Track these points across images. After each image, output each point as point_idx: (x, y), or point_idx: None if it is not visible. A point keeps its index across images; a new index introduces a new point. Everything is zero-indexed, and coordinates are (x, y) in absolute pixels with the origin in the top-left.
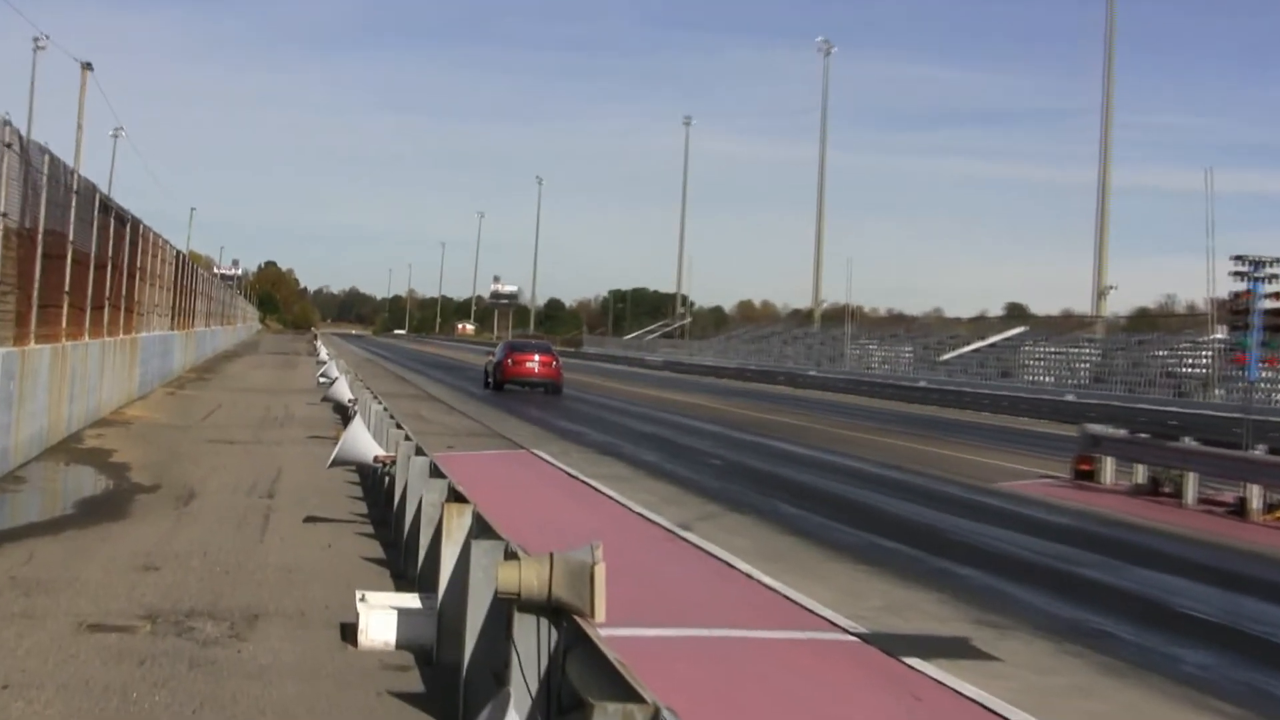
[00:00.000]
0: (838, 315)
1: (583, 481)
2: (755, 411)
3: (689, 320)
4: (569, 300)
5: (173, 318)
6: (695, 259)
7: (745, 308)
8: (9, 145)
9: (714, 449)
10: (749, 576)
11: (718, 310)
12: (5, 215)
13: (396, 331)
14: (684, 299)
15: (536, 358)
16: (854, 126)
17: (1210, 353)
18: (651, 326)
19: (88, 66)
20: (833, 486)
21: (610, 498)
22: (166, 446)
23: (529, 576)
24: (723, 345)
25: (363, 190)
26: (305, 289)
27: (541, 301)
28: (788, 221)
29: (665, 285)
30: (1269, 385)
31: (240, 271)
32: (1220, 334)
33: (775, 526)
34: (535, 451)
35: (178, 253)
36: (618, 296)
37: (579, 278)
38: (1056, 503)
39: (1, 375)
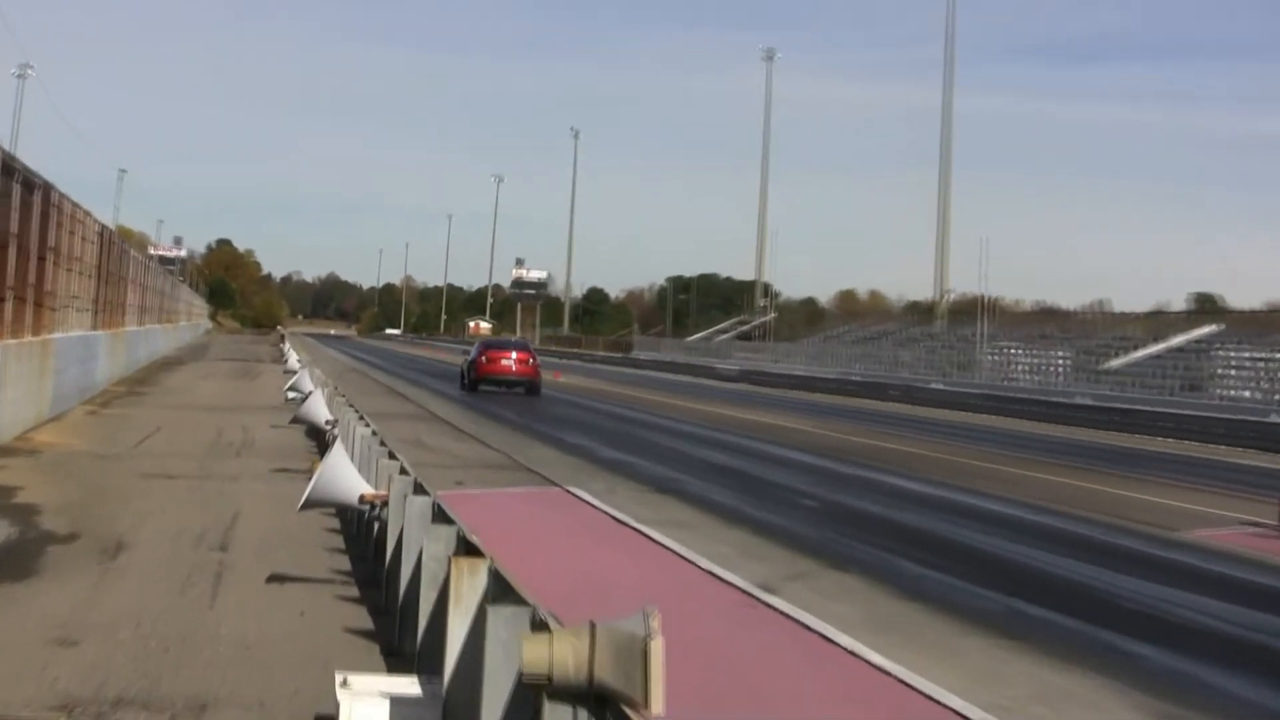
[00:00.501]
0: (968, 310)
1: (633, 529)
2: (861, 436)
3: (772, 316)
4: (615, 290)
5: (95, 313)
6: (780, 236)
7: (846, 300)
8: None
9: (807, 485)
10: (853, 654)
11: (810, 303)
12: None
13: (389, 331)
14: (766, 289)
15: (513, 355)
16: (990, 62)
17: None
18: (723, 324)
19: None
20: (964, 535)
21: (670, 550)
22: (87, 482)
23: (563, 654)
24: (817, 349)
25: (344, 147)
26: (269, 276)
27: (579, 291)
28: (902, 188)
29: (741, 271)
30: None
31: (185, 253)
32: None
33: (888, 588)
34: (572, 489)
35: (102, 228)
36: (679, 285)
37: (628, 261)
38: (1264, 558)
39: None
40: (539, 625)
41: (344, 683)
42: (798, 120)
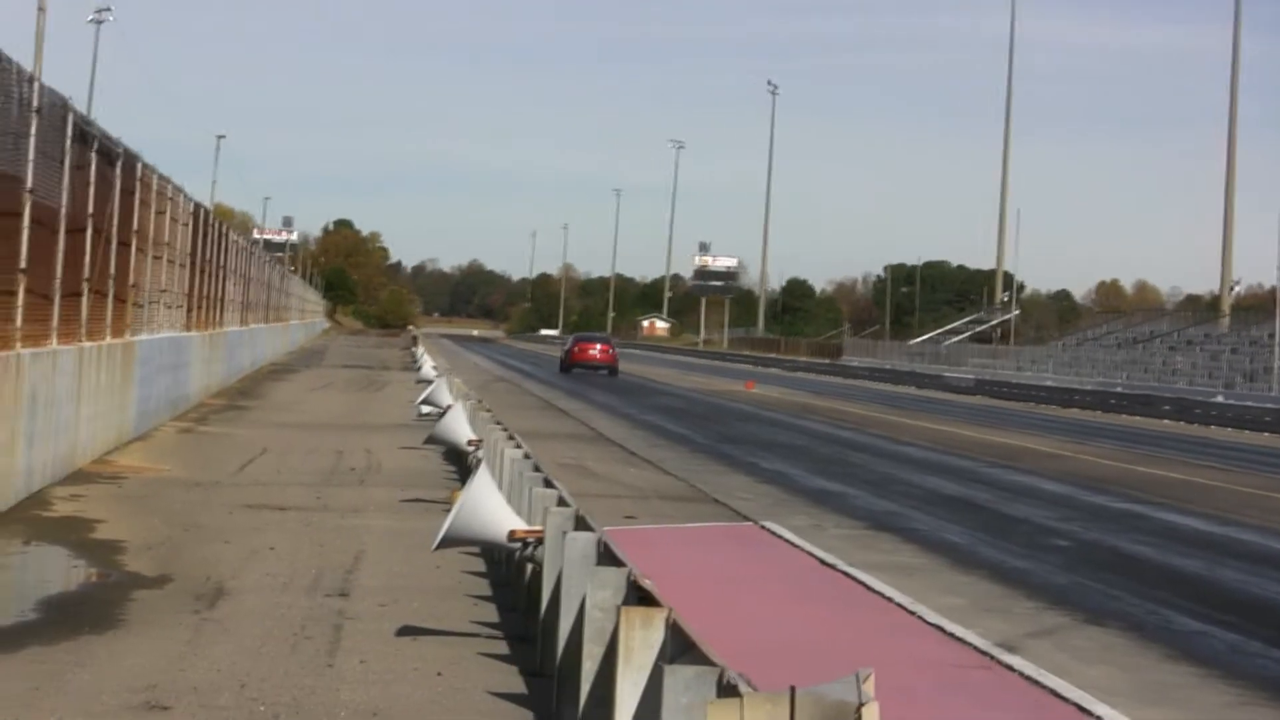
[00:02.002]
0: (1261, 306)
1: (843, 574)
2: (1125, 460)
3: (1015, 314)
4: (821, 283)
5: (188, 311)
6: (1026, 216)
7: (1107, 294)
8: None
9: (1058, 521)
10: None
11: (1062, 298)
12: None
13: (545, 332)
14: (1007, 280)
15: (598, 346)
16: None
17: None
18: (954, 324)
19: None
20: (1253, 584)
21: (888, 600)
22: (180, 515)
23: None
24: (1070, 354)
25: (490, 109)
26: (398, 265)
27: (776, 283)
28: (1175, 157)
29: (976, 258)
30: None
31: (296, 237)
32: None
33: (1157, 648)
34: (768, 525)
35: (196, 207)
36: (900, 276)
37: (837, 247)
38: None
39: None
40: (727, 690)
41: None
42: (1048, 73)
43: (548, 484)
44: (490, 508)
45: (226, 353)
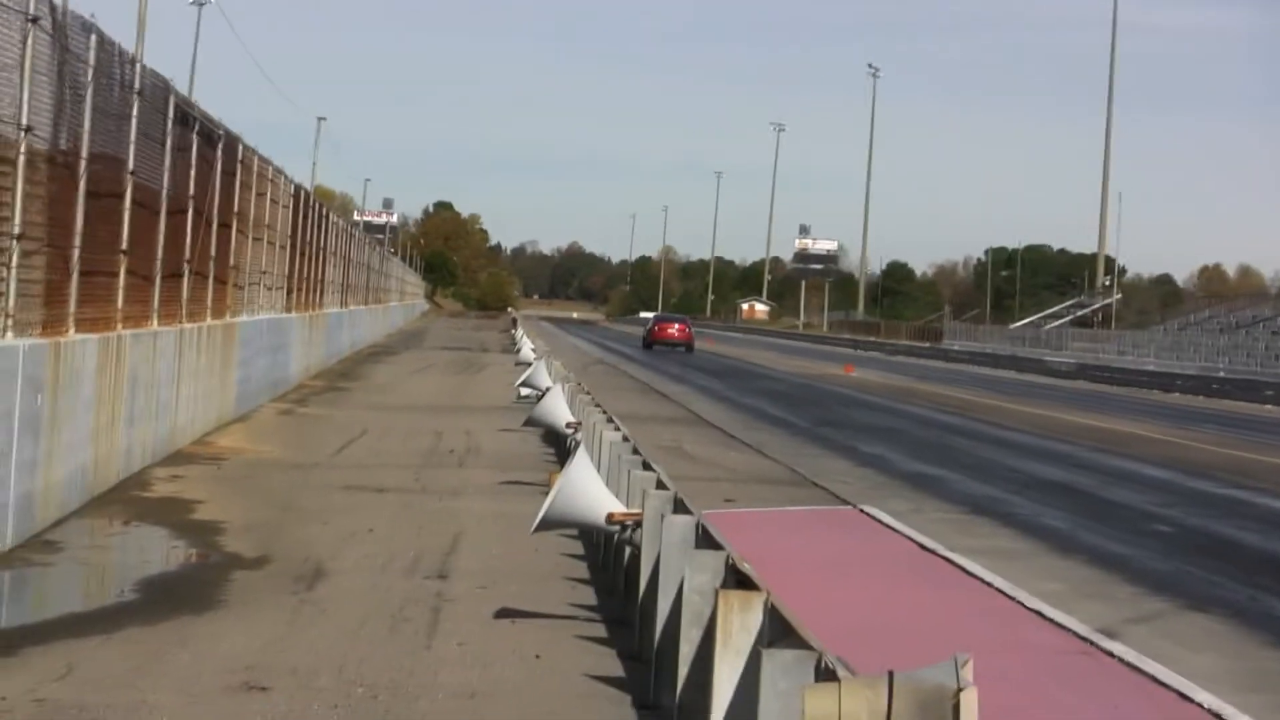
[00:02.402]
0: None
1: (942, 558)
2: (1229, 446)
3: (1116, 298)
4: (921, 266)
5: (289, 293)
6: (1128, 198)
7: (1211, 278)
8: (35, 19)
9: (1159, 507)
10: (1218, 717)
11: (1164, 282)
12: (29, 130)
13: (644, 315)
14: (1109, 264)
15: (675, 326)
16: None
17: None
18: (1055, 308)
19: None
20: None
21: (987, 585)
22: (279, 497)
23: (855, 708)
24: (1172, 338)
25: (589, 91)
26: (498, 247)
27: (877, 266)
28: None
29: (1078, 241)
30: None
31: (396, 219)
32: None
33: (1260, 635)
34: (867, 509)
35: (297, 189)
36: (1001, 259)
37: (937, 230)
38: None
39: (24, 382)
40: (825, 674)
41: None
42: (1153, 52)
43: (646, 467)
44: (589, 490)
45: (326, 335)
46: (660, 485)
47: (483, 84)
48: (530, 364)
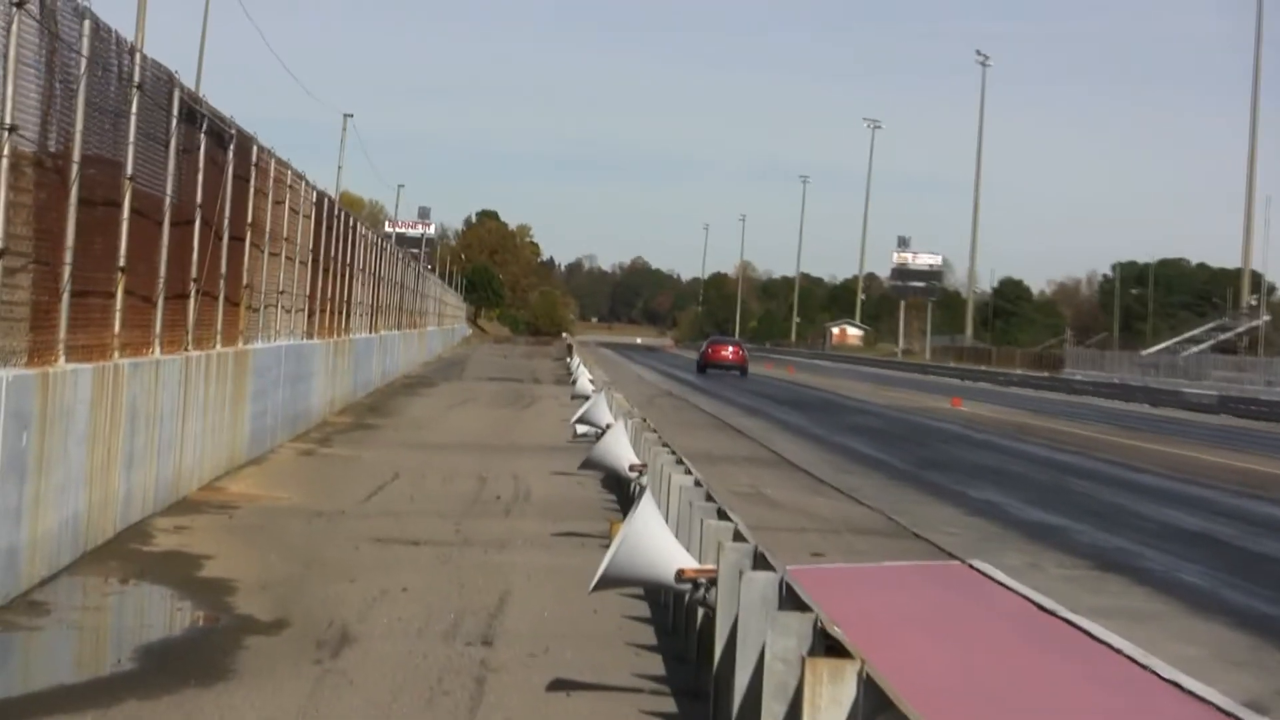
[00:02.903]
0: None
1: (1063, 620)
2: None
3: (1264, 320)
4: (1039, 284)
5: (311, 316)
6: (1276, 206)
7: None
8: (21, 3)
9: None
10: None
11: None
12: (13, 130)
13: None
14: (1255, 280)
15: (729, 349)
16: None
17: None
18: (1193, 333)
19: None
20: None
21: (1117, 651)
22: (300, 550)
23: None
24: None
25: (653, 87)
26: (551, 262)
27: (987, 284)
28: None
29: (1220, 256)
30: None
31: (434, 230)
32: None
33: None
34: (977, 565)
35: (320, 197)
36: (1130, 276)
37: (1057, 243)
38: None
39: (7, 418)
40: None
41: None
42: None
43: (722, 515)
44: (656, 543)
45: (354, 363)
46: (738, 537)
47: (534, 77)
48: (588, 397)
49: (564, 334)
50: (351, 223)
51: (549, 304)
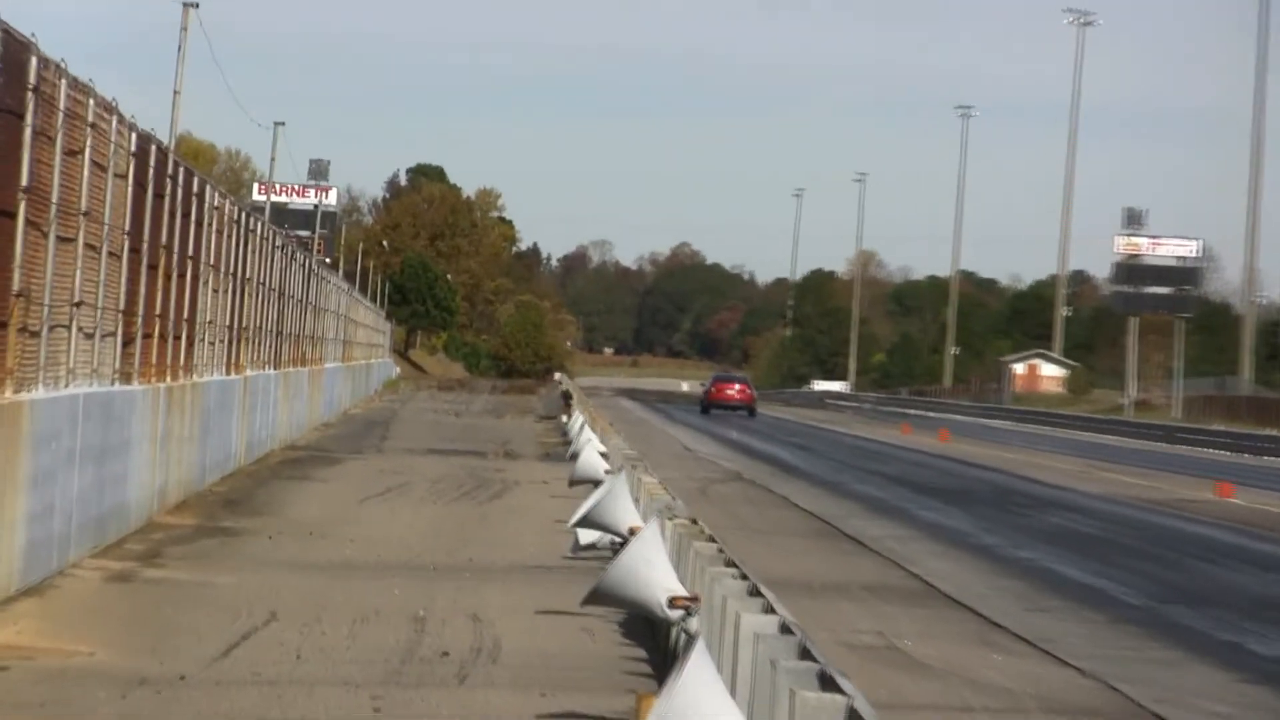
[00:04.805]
0: None
1: None
2: None
3: None
4: None
5: (129, 344)
6: None
7: None
8: None
9: None
10: None
11: None
12: None
13: (822, 386)
14: None
15: (735, 387)
16: None
17: None
18: None
19: None
20: None
21: None
22: None
23: None
24: None
25: None
26: (534, 253)
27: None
28: None
29: None
30: None
31: (337, 200)
32: None
33: None
34: None
35: (144, 141)
36: None
37: None
38: None
39: None
40: None
41: None
42: None
43: (826, 683)
44: None
45: (202, 425)
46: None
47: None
48: (598, 482)
49: (556, 374)
50: (197, 186)
51: (531, 323)
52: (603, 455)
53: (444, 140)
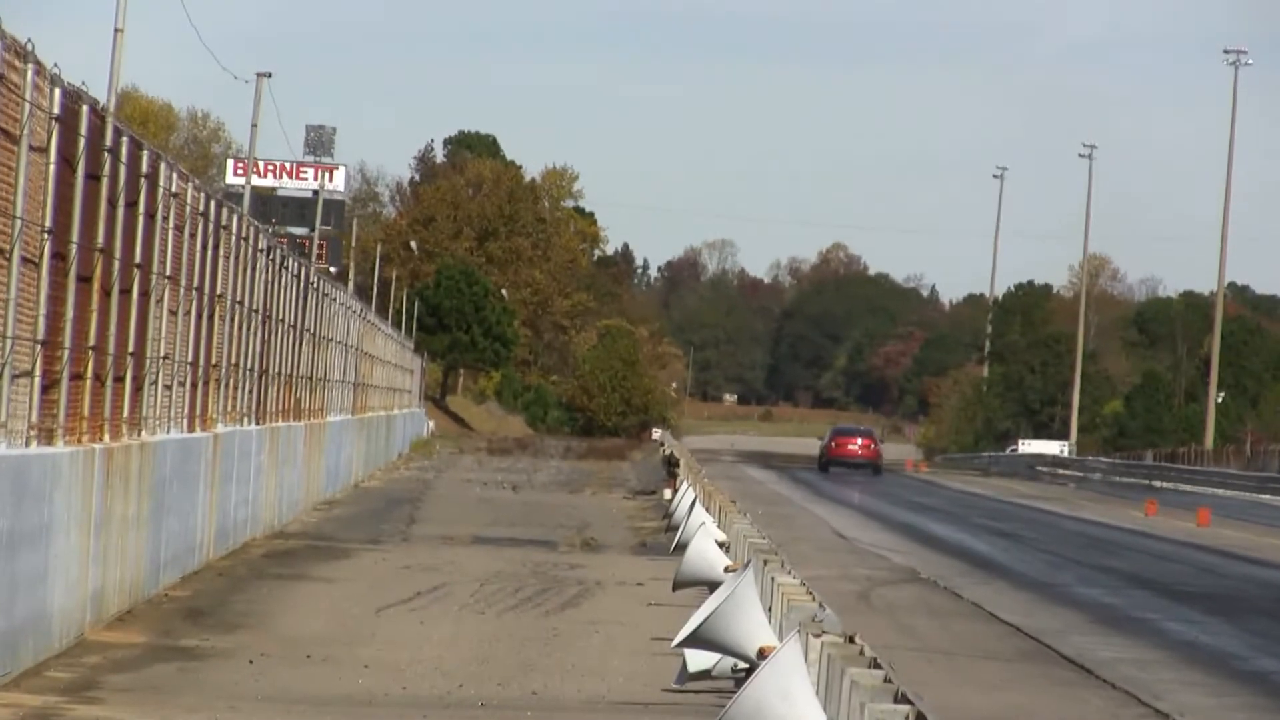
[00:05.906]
0: None
1: None
2: None
3: None
4: None
5: (51, 388)
6: None
7: None
8: None
9: None
10: None
11: None
12: None
13: (1033, 447)
14: None
15: (858, 441)
16: None
17: None
18: None
19: None
20: None
21: None
22: None
23: None
24: None
25: None
26: (624, 258)
27: None
28: None
29: None
30: None
31: (345, 183)
32: None
33: None
34: None
35: (71, 100)
36: None
37: None
38: None
39: None
40: None
41: None
42: None
43: None
44: None
45: (154, 503)
46: None
47: None
48: (714, 584)
49: (656, 432)
50: (148, 163)
51: (620, 359)
52: (721, 546)
53: (497, 100)
